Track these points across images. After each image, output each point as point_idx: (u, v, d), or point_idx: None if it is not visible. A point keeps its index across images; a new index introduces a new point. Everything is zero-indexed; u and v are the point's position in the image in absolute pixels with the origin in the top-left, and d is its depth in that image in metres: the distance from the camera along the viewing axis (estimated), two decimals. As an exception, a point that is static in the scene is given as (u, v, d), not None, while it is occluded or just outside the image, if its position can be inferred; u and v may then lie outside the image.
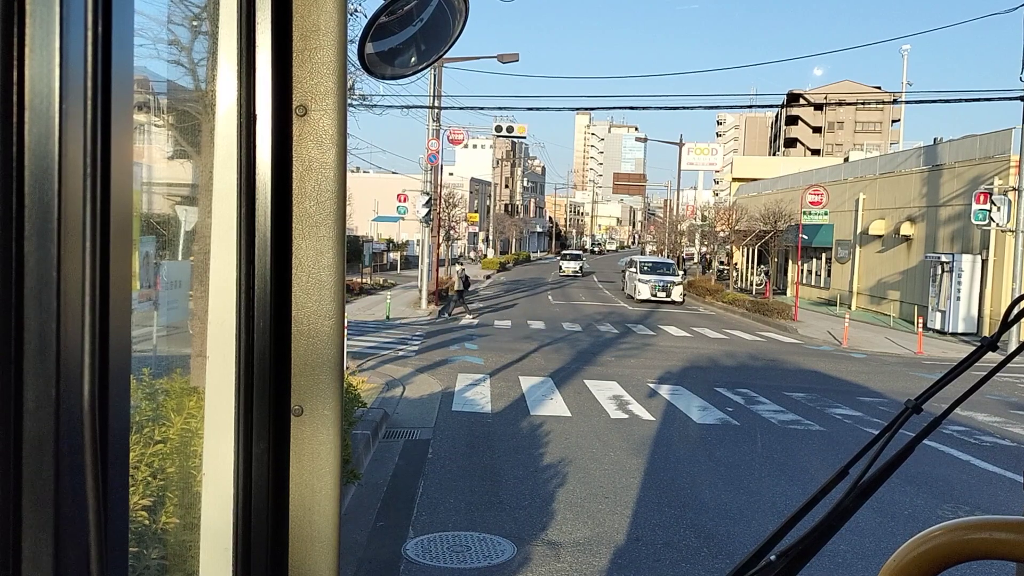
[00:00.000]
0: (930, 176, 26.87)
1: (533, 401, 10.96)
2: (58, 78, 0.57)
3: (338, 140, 0.96)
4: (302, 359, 0.96)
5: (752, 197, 44.93)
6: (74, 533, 0.58)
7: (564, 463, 7.83)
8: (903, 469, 0.99)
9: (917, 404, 0.90)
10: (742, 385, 12.93)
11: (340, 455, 0.97)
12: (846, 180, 33.86)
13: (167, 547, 2.11)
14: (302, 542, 0.96)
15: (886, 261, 29.60)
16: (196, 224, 1.84)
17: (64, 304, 0.57)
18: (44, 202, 0.57)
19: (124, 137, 0.63)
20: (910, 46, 39.26)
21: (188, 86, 1.97)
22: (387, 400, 10.81)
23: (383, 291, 29.60)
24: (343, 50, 0.96)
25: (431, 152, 26.38)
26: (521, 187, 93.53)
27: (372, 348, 15.85)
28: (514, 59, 27.07)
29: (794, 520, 0.91)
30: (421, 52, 1.19)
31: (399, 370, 13.39)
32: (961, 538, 0.80)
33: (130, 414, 0.66)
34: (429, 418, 9.78)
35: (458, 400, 10.94)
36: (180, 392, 2.35)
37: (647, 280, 30.41)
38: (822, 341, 21.59)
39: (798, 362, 16.60)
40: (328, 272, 0.96)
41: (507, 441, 8.67)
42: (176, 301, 2.29)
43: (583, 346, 17.68)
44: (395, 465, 7.69)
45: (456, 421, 9.65)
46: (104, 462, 0.60)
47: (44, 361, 0.57)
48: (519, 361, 14.86)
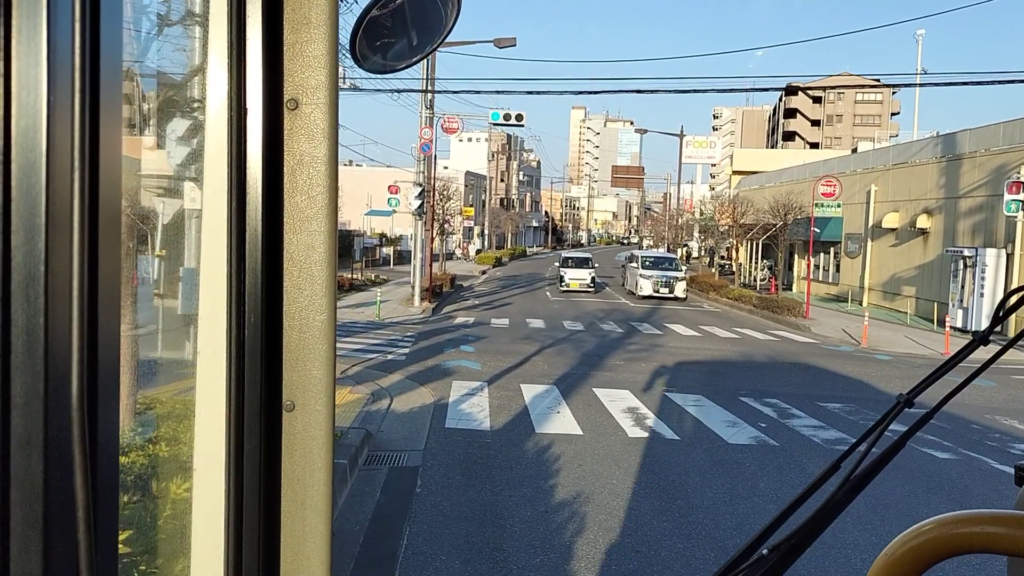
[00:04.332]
0: (948, 166, 25.56)
1: (538, 415, 9.63)
2: (46, 70, 0.56)
3: (329, 134, 0.95)
4: (294, 354, 0.95)
5: (755, 190, 43.71)
6: (63, 529, 0.58)
7: (580, 500, 6.51)
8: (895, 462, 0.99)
9: (909, 398, 0.92)
10: (769, 394, 11.62)
11: (332, 450, 0.97)
12: (855, 172, 32.56)
13: (158, 542, 2.13)
14: (294, 537, 0.95)
15: (900, 255, 28.31)
16: (186, 219, 1.84)
17: (52, 299, 0.57)
18: (32, 196, 0.56)
19: (112, 130, 0.62)
20: (924, 31, 37.89)
21: (178, 79, 1.82)
22: (371, 415, 9.48)
23: (374, 287, 28.21)
24: (334, 43, 0.95)
25: (424, 141, 24.97)
26: (517, 181, 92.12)
27: (359, 351, 14.50)
28: (511, 44, 25.71)
29: (786, 514, 0.91)
30: (413, 45, 1.18)
31: (387, 378, 12.05)
32: (953, 532, 0.79)
33: (120, 409, 0.65)
34: (419, 437, 8.45)
35: (452, 414, 9.61)
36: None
37: (649, 276, 29.07)
38: (839, 340, 20.34)
39: (820, 365, 15.32)
40: (320, 267, 0.95)
41: (510, 469, 7.33)
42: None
43: (588, 348, 16.37)
44: (376, 503, 6.36)
45: (450, 441, 8.32)
46: (94, 458, 0.60)
47: (32, 357, 0.57)
48: (520, 366, 13.54)
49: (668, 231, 50.91)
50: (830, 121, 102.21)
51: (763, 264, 40.32)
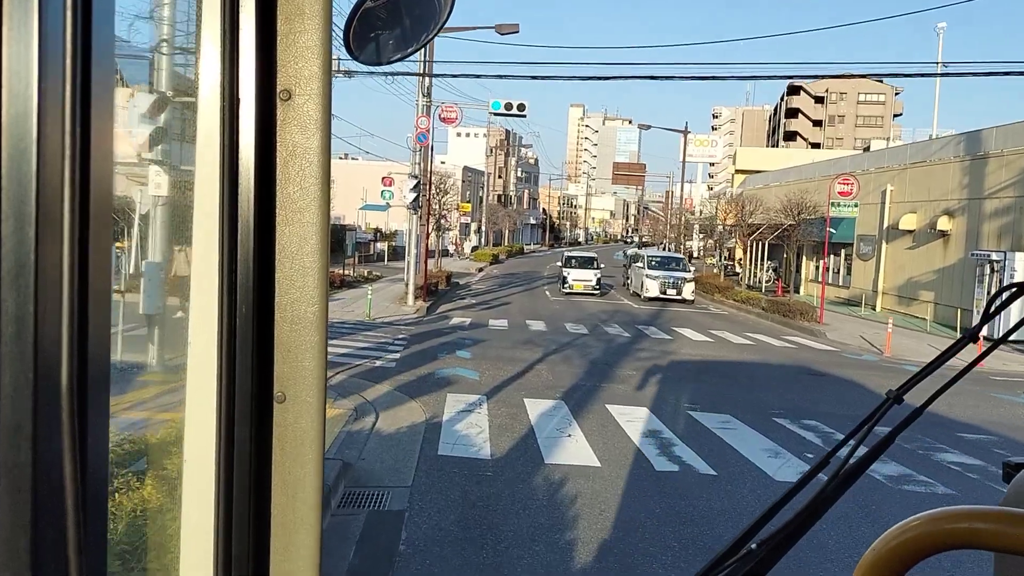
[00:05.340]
0: (972, 165, 24.29)
1: (546, 439, 8.29)
2: (36, 56, 0.55)
3: (322, 125, 0.94)
4: (285, 345, 0.94)
5: (760, 189, 42.45)
6: (52, 519, 0.57)
7: (607, 564, 5.18)
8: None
9: (898, 395, 0.91)
10: (805, 413, 10.30)
11: (323, 442, 0.95)
12: (869, 171, 31.27)
13: (147, 531, 2.09)
14: (284, 528, 0.94)
15: (918, 258, 27.04)
16: (177, 209, 1.81)
17: (42, 288, 0.56)
18: (22, 184, 0.55)
19: (104, 118, 0.61)
20: (946, 24, 36.60)
21: (170, 68, 1.80)
22: (353, 437, 8.14)
23: (367, 284, 26.85)
24: (328, 34, 0.93)
25: (420, 131, 23.59)
26: (515, 177, 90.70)
27: (345, 356, 13.14)
28: (514, 30, 24.35)
29: (775, 509, 0.91)
30: (408, 37, 1.15)
31: (374, 388, 10.72)
32: (940, 528, 0.79)
33: (110, 398, 0.66)
34: (406, 468, 7.12)
35: (447, 436, 8.27)
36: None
37: (656, 276, 27.69)
38: (859, 348, 19.07)
39: (849, 377, 14.02)
40: (312, 258, 0.94)
41: (516, 516, 5.99)
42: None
43: (594, 354, 15.05)
44: (348, 565, 5.02)
45: (444, 473, 6.99)
46: (83, 447, 0.59)
47: (21, 345, 0.55)
48: (522, 375, 12.21)
49: (670, 230, 49.58)
50: (832, 122, 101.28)
51: (768, 265, 39.07)
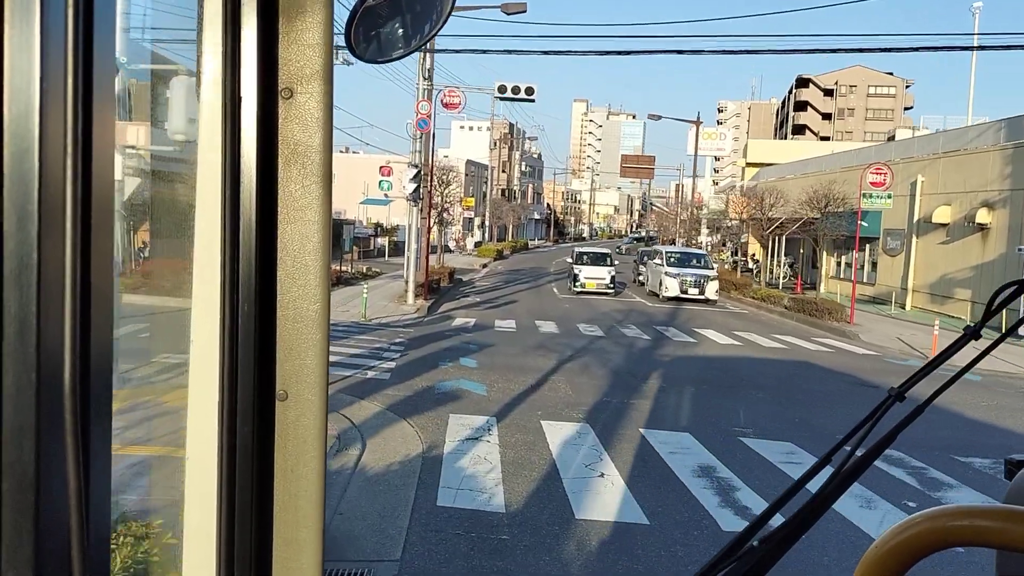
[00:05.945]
0: (1015, 153, 22.52)
1: (574, 481, 6.61)
2: (38, 56, 0.55)
3: (324, 123, 0.94)
4: (287, 343, 0.94)
5: (774, 181, 40.71)
6: (56, 518, 0.57)
7: None
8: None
9: (900, 392, 0.91)
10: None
11: (325, 440, 0.95)
12: (896, 161, 29.48)
13: (150, 531, 2.11)
14: (287, 526, 0.94)
15: (953, 254, 25.28)
16: (179, 208, 1.73)
17: (45, 287, 0.56)
18: (25, 182, 0.55)
19: (106, 116, 0.61)
20: (981, 3, 34.77)
21: (172, 67, 1.76)
22: (331, 478, 6.47)
23: (365, 281, 25.19)
24: (329, 32, 0.93)
25: (421, 116, 21.88)
26: (519, 172, 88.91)
27: (334, 366, 11.45)
28: (521, 10, 22.61)
29: (777, 507, 0.91)
30: (410, 34, 1.16)
31: (362, 407, 9.05)
32: (942, 525, 0.78)
33: (112, 397, 0.66)
34: (395, 528, 5.44)
35: (448, 476, 6.60)
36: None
37: (675, 274, 25.81)
38: (900, 352, 17.34)
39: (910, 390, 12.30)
40: (314, 256, 0.94)
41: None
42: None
43: (615, 361, 13.37)
44: None
45: (443, 537, 5.32)
46: (86, 446, 0.59)
47: (24, 344, 0.55)
48: (536, 389, 10.53)
49: (679, 225, 47.79)
50: (841, 115, 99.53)
51: (784, 261, 37.34)
